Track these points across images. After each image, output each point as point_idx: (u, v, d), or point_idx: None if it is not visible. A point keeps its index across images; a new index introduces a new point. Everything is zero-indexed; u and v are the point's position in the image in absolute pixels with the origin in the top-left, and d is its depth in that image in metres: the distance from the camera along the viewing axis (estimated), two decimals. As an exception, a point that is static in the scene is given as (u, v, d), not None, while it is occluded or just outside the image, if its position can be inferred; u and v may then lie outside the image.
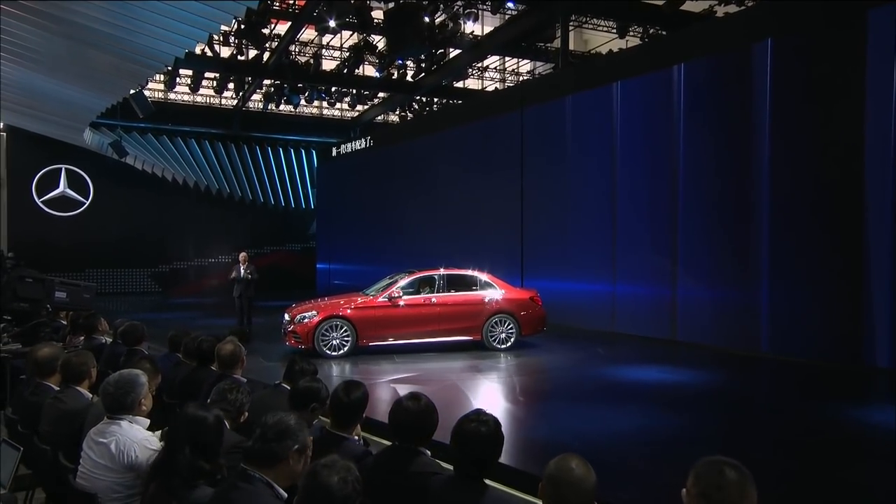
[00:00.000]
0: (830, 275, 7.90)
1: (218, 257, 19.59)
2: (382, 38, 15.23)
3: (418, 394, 2.57)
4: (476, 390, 7.03)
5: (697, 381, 7.61)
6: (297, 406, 3.11)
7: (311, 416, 3.11)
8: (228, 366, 3.87)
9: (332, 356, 8.70)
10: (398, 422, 2.53)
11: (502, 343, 9.29)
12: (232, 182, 20.93)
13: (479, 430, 2.22)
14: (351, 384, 2.83)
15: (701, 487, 1.60)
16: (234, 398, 2.65)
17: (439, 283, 9.40)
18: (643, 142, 10.40)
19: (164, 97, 19.39)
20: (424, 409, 2.52)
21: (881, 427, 5.50)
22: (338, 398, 2.77)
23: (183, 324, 9.48)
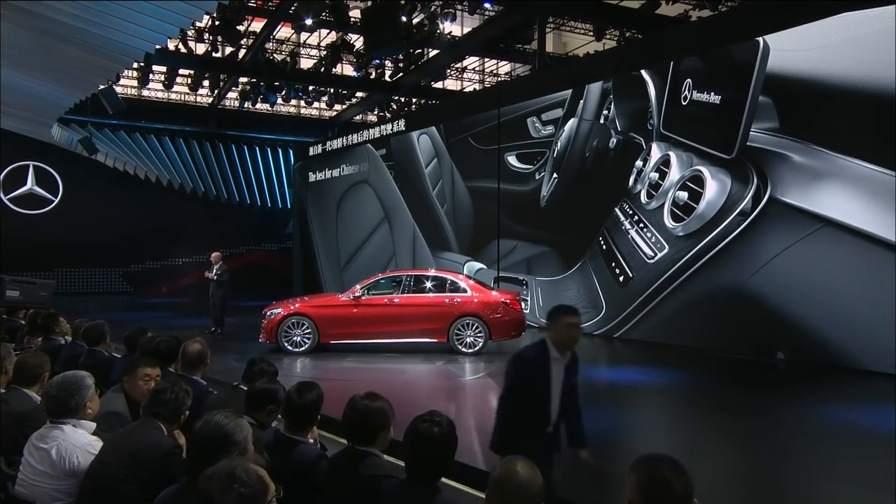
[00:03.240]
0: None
1: (192, 257, 19.29)
2: (360, 36, 15.13)
3: (374, 393, 2.52)
4: (427, 391, 7.08)
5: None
6: (253, 408, 3.04)
7: (269, 418, 3.04)
8: (193, 365, 3.78)
9: (293, 352, 8.99)
10: (351, 421, 2.48)
11: (470, 347, 9.05)
12: (207, 181, 20.68)
13: (432, 430, 2.18)
14: (305, 385, 2.76)
15: (638, 482, 1.60)
16: (169, 398, 2.54)
17: (406, 283, 9.36)
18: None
19: (136, 94, 19.08)
20: (379, 407, 2.47)
21: None
22: (291, 400, 2.70)
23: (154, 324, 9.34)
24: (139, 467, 2.26)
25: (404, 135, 15.69)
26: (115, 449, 2.37)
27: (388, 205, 16.30)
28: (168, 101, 19.76)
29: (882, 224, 7.30)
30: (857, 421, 5.74)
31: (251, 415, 2.99)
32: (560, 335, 3.14)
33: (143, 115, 19.15)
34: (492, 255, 13.19)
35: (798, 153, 8.14)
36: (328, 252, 18.46)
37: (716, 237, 9.04)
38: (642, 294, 10.10)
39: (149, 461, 2.29)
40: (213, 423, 2.03)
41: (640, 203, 10.25)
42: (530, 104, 12.57)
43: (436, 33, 14.25)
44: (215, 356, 8.00)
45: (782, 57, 8.32)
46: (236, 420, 2.08)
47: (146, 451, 2.34)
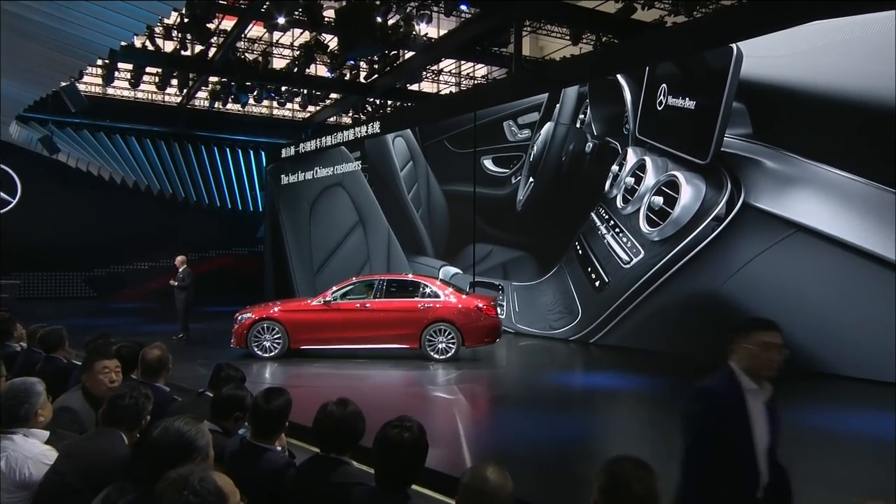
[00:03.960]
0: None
1: (159, 261, 18.92)
2: (334, 37, 15.05)
3: (345, 399, 2.49)
4: (396, 397, 7.09)
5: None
6: (219, 415, 3.00)
7: (235, 425, 3.00)
8: (154, 372, 3.69)
9: (263, 357, 9.00)
10: (323, 428, 2.45)
11: (442, 353, 8.99)
12: (175, 183, 20.36)
13: (402, 436, 2.17)
14: (272, 391, 2.72)
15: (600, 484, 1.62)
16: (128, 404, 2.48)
17: (378, 288, 9.33)
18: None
19: (101, 92, 18.70)
20: (349, 414, 2.45)
21: None
22: (257, 406, 2.66)
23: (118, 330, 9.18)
24: (96, 478, 2.20)
25: (379, 137, 15.67)
26: (71, 459, 2.29)
27: (363, 208, 16.24)
28: (135, 100, 19.41)
29: (852, 230, 7.51)
30: (829, 425, 5.88)
31: (217, 422, 2.95)
32: (755, 359, 2.37)
33: (108, 113, 18.77)
34: (467, 260, 13.22)
35: (771, 159, 8.33)
36: (301, 256, 18.30)
37: (690, 242, 9.20)
38: (618, 299, 10.21)
39: (106, 471, 2.23)
40: (174, 430, 1.98)
41: (616, 208, 10.38)
42: (507, 108, 12.65)
43: (411, 35, 14.25)
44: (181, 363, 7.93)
45: (755, 63, 8.52)
46: (197, 426, 2.04)
47: (103, 461, 2.27)
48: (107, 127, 19.22)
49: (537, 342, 11.16)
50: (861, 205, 7.45)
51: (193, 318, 11.31)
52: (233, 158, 21.48)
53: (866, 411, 6.33)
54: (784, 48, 8.21)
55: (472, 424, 6.31)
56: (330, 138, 17.37)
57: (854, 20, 7.55)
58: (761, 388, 2.39)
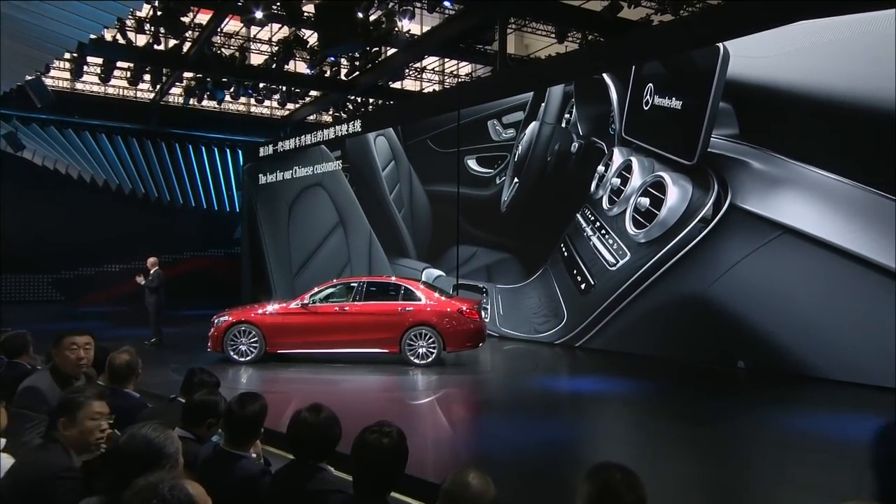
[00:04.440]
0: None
1: (131, 263, 18.58)
2: (314, 32, 15.00)
3: (319, 405, 2.48)
4: (374, 403, 7.11)
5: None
6: (191, 421, 2.96)
7: (208, 432, 2.97)
8: (122, 378, 3.64)
9: (240, 362, 8.99)
10: (296, 436, 2.43)
11: (422, 358, 8.92)
12: (147, 182, 20.14)
13: (382, 441, 2.15)
14: (246, 396, 2.70)
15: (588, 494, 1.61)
16: None
17: (358, 290, 9.31)
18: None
19: (69, 87, 18.42)
20: (324, 420, 2.43)
21: None
22: (231, 411, 2.63)
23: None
24: (24, 493, 2.13)
25: (360, 136, 15.62)
26: (11, 473, 2.23)
27: (343, 209, 16.18)
28: (105, 96, 19.14)
29: (839, 232, 7.62)
30: (816, 429, 5.97)
31: (189, 428, 2.92)
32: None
33: (77, 109, 18.48)
34: (451, 262, 13.22)
35: (757, 160, 8.45)
36: (279, 258, 18.17)
37: (677, 244, 9.29)
38: (604, 302, 10.28)
39: (33, 486, 2.14)
40: (141, 437, 1.95)
41: (602, 209, 10.46)
42: (491, 106, 12.69)
43: (393, 31, 14.25)
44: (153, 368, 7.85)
45: (742, 63, 8.64)
46: (165, 432, 2.02)
47: (31, 475, 2.19)
48: (75, 123, 18.93)
49: (522, 346, 11.19)
50: (847, 207, 7.58)
51: (167, 322, 11.17)
52: (208, 157, 21.28)
53: (855, 415, 6.43)
54: (771, 48, 8.33)
55: (452, 429, 6.31)
56: (309, 137, 17.28)
57: (841, 20, 7.68)
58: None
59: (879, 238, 7.28)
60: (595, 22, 14.47)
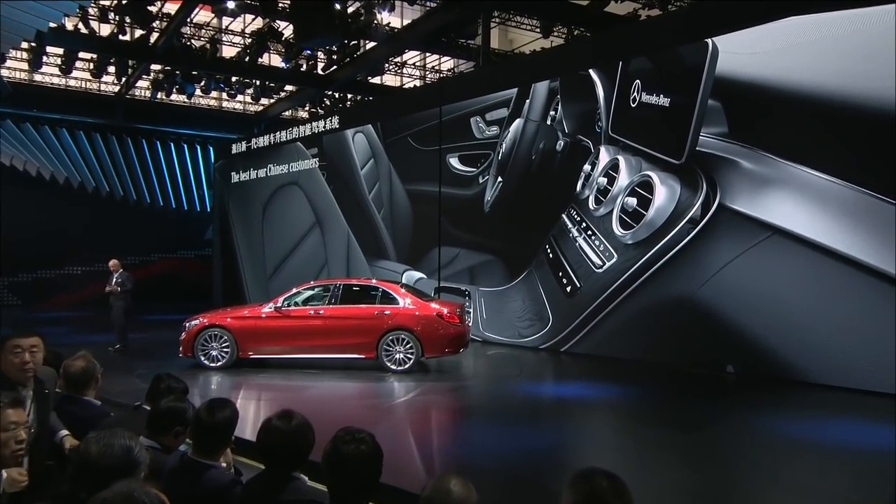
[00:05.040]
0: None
1: (94, 265, 18.37)
2: (289, 24, 14.92)
3: (290, 412, 2.45)
4: (348, 411, 7.09)
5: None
6: (157, 429, 2.91)
7: (175, 441, 2.93)
8: (80, 385, 3.57)
9: (211, 367, 8.97)
10: (267, 444, 2.40)
11: (399, 364, 8.87)
12: (112, 180, 19.92)
13: (360, 449, 2.13)
14: (216, 402, 2.66)
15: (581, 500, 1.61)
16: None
17: (334, 293, 9.29)
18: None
19: (28, 78, 18.10)
20: (297, 428, 2.40)
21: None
22: (200, 419, 2.60)
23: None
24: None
25: (338, 133, 15.56)
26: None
27: (320, 209, 16.10)
28: (66, 88, 18.84)
29: (829, 234, 7.74)
30: (807, 434, 6.05)
31: (155, 437, 2.88)
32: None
33: (36, 102, 18.18)
34: (432, 264, 13.21)
35: (747, 159, 8.56)
36: (253, 260, 18.03)
37: (665, 246, 9.38)
38: (590, 305, 10.34)
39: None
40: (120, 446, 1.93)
41: (588, 209, 10.53)
42: (474, 103, 12.71)
43: (373, 24, 14.24)
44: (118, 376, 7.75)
45: (731, 60, 8.75)
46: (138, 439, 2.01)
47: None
48: (34, 117, 18.62)
49: (506, 351, 11.21)
50: (839, 208, 7.69)
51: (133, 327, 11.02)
52: (177, 154, 21.12)
53: (845, 420, 6.54)
54: (761, 44, 8.44)
55: (431, 438, 6.29)
56: (285, 133, 17.17)
57: (833, 16, 7.79)
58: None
59: (871, 240, 7.39)
60: (581, 16, 14.59)
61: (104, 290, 10.59)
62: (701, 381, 8.50)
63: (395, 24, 16.48)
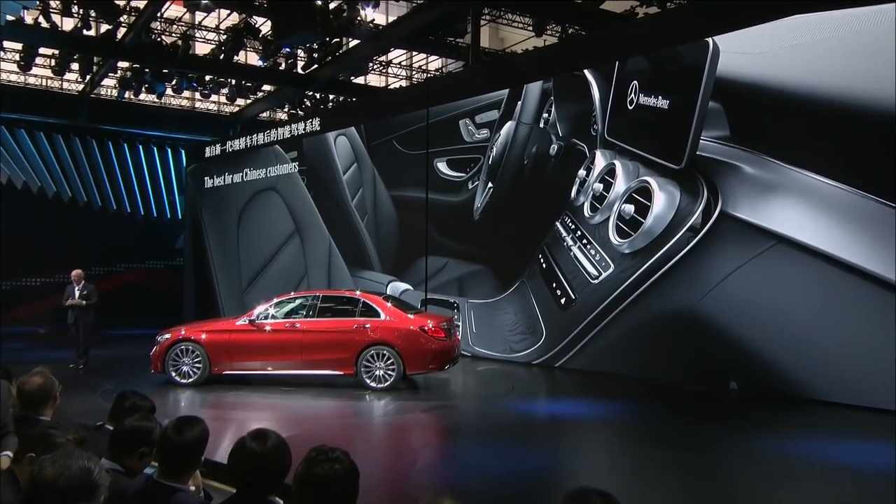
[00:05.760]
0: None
1: (55, 277, 18.18)
2: (267, 20, 14.93)
3: (265, 431, 2.44)
4: (322, 431, 7.04)
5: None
6: (120, 451, 2.89)
7: (140, 463, 2.90)
8: (36, 404, 3.52)
9: (182, 384, 9.01)
10: (240, 466, 2.38)
11: (380, 381, 8.80)
12: (75, 184, 19.77)
13: (334, 469, 2.13)
14: (185, 421, 2.65)
15: None
16: None
17: (311, 306, 9.30)
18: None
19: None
20: (273, 449, 2.39)
21: None
22: (167, 438, 2.58)
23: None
24: None
25: (319, 136, 15.57)
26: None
27: (300, 216, 16.08)
28: (25, 86, 18.70)
29: (837, 243, 7.79)
30: (815, 456, 6.08)
31: (118, 459, 2.85)
32: None
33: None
34: (419, 275, 13.21)
35: (750, 164, 8.65)
36: (227, 271, 17.95)
37: (664, 255, 9.44)
38: (586, 318, 10.38)
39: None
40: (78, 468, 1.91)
41: (584, 217, 10.58)
42: (463, 104, 12.77)
43: (356, 20, 14.27)
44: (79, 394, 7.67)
45: (733, 60, 8.86)
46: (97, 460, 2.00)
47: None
48: (-10, 117, 18.47)
49: (496, 367, 11.20)
50: (846, 215, 7.76)
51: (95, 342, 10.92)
52: (146, 157, 21.01)
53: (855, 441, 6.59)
54: (764, 44, 8.55)
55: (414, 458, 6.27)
56: (262, 136, 17.18)
57: (839, 14, 7.89)
58: None
59: (881, 249, 7.43)
60: (576, 14, 14.70)
61: (65, 302, 10.48)
62: (702, 399, 8.54)
63: (379, 21, 16.54)
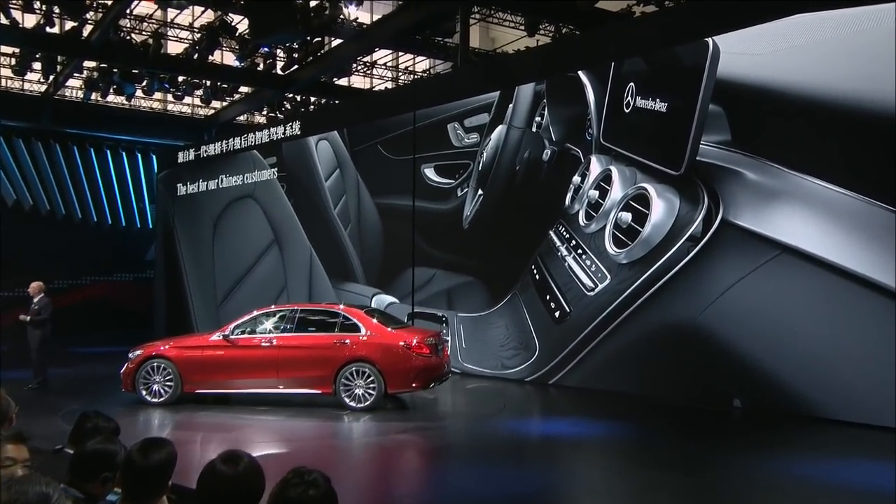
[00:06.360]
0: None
1: (14, 290, 17.98)
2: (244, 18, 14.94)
3: (237, 453, 2.40)
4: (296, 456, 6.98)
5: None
6: (81, 476, 2.85)
7: (103, 489, 2.86)
8: (-11, 426, 3.48)
9: (152, 403, 9.02)
10: (210, 491, 2.35)
11: (359, 400, 8.73)
12: (37, 191, 19.69)
13: (309, 494, 2.10)
14: (151, 442, 2.62)
15: None
16: None
17: (289, 320, 9.30)
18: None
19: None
20: (245, 472, 2.34)
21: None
22: (131, 462, 2.54)
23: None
24: None
25: (299, 140, 15.56)
26: None
27: (279, 225, 16.05)
28: (-15, 87, 18.63)
29: (845, 253, 7.84)
30: (822, 477, 6.10)
31: (79, 485, 2.82)
32: None
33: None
34: (405, 287, 13.18)
35: (752, 170, 8.71)
36: (201, 284, 17.86)
37: (663, 266, 9.48)
38: (581, 332, 10.38)
39: None
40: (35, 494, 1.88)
41: (578, 225, 10.62)
42: (451, 107, 12.82)
43: (338, 19, 14.30)
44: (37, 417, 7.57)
45: (734, 61, 8.94)
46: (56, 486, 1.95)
47: None
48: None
49: (487, 384, 11.17)
50: (854, 222, 7.81)
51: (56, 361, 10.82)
52: (115, 163, 20.97)
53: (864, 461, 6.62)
54: (766, 44, 8.63)
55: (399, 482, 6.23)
56: (239, 140, 17.14)
57: (844, 13, 7.96)
58: None
59: (891, 258, 7.48)
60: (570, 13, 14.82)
61: (18, 317, 10.40)
62: (704, 417, 8.55)
63: (363, 20, 16.59)
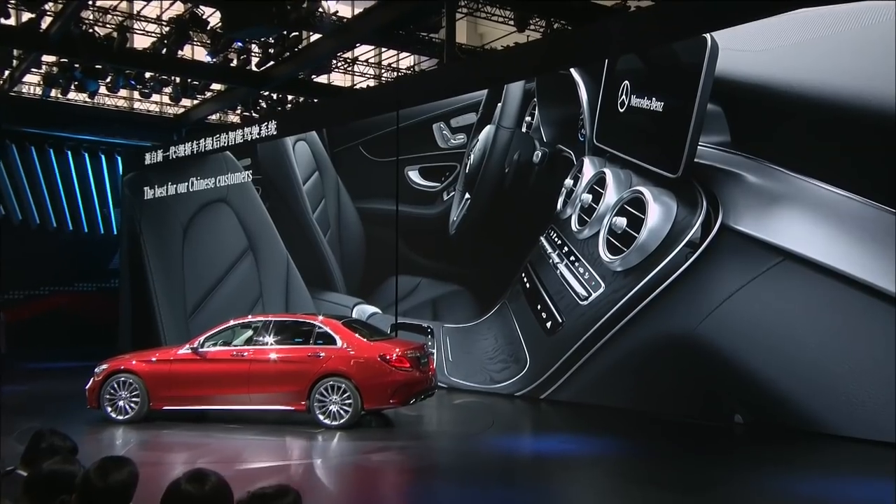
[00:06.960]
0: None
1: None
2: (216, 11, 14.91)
3: (203, 472, 2.38)
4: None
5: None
6: (36, 499, 2.81)
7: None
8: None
9: (118, 421, 8.97)
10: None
11: (335, 418, 8.63)
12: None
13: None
14: (110, 461, 2.58)
15: None
16: None
17: (262, 331, 9.29)
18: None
19: None
20: (211, 492, 2.32)
21: None
22: (89, 482, 2.50)
23: None
24: None
25: (275, 141, 15.54)
26: None
27: (253, 231, 16.02)
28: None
29: (850, 259, 7.88)
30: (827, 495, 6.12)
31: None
32: None
33: None
34: (389, 296, 13.16)
35: (753, 173, 8.77)
36: (170, 294, 17.76)
37: (660, 274, 9.51)
38: (574, 344, 10.39)
39: None
40: None
41: (571, 231, 10.65)
42: (437, 107, 12.84)
43: (317, 12, 14.30)
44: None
45: (734, 58, 9.01)
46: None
47: None
48: None
49: (475, 399, 11.17)
50: (859, 228, 7.86)
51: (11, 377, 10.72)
52: (76, 164, 20.94)
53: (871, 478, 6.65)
54: (767, 40, 8.70)
55: None
56: (211, 141, 17.11)
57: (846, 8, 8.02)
58: None
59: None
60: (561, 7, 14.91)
61: None
62: (703, 433, 8.57)
63: (344, 13, 16.62)
